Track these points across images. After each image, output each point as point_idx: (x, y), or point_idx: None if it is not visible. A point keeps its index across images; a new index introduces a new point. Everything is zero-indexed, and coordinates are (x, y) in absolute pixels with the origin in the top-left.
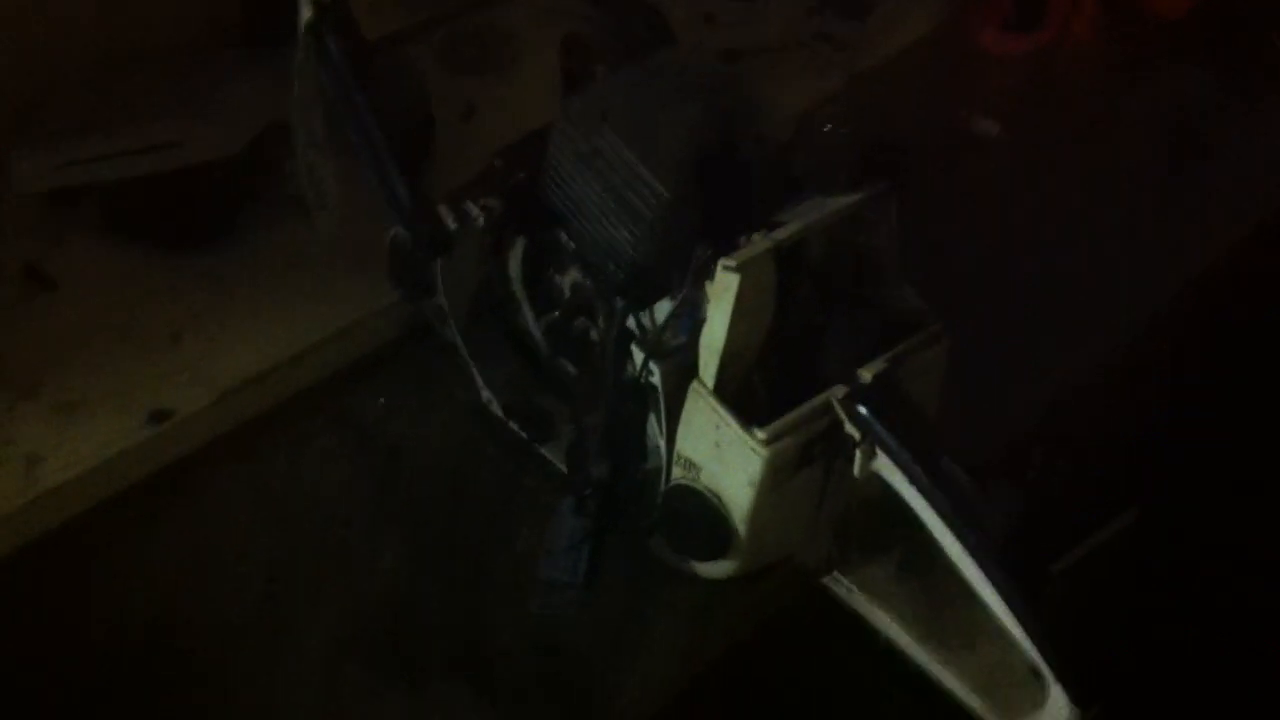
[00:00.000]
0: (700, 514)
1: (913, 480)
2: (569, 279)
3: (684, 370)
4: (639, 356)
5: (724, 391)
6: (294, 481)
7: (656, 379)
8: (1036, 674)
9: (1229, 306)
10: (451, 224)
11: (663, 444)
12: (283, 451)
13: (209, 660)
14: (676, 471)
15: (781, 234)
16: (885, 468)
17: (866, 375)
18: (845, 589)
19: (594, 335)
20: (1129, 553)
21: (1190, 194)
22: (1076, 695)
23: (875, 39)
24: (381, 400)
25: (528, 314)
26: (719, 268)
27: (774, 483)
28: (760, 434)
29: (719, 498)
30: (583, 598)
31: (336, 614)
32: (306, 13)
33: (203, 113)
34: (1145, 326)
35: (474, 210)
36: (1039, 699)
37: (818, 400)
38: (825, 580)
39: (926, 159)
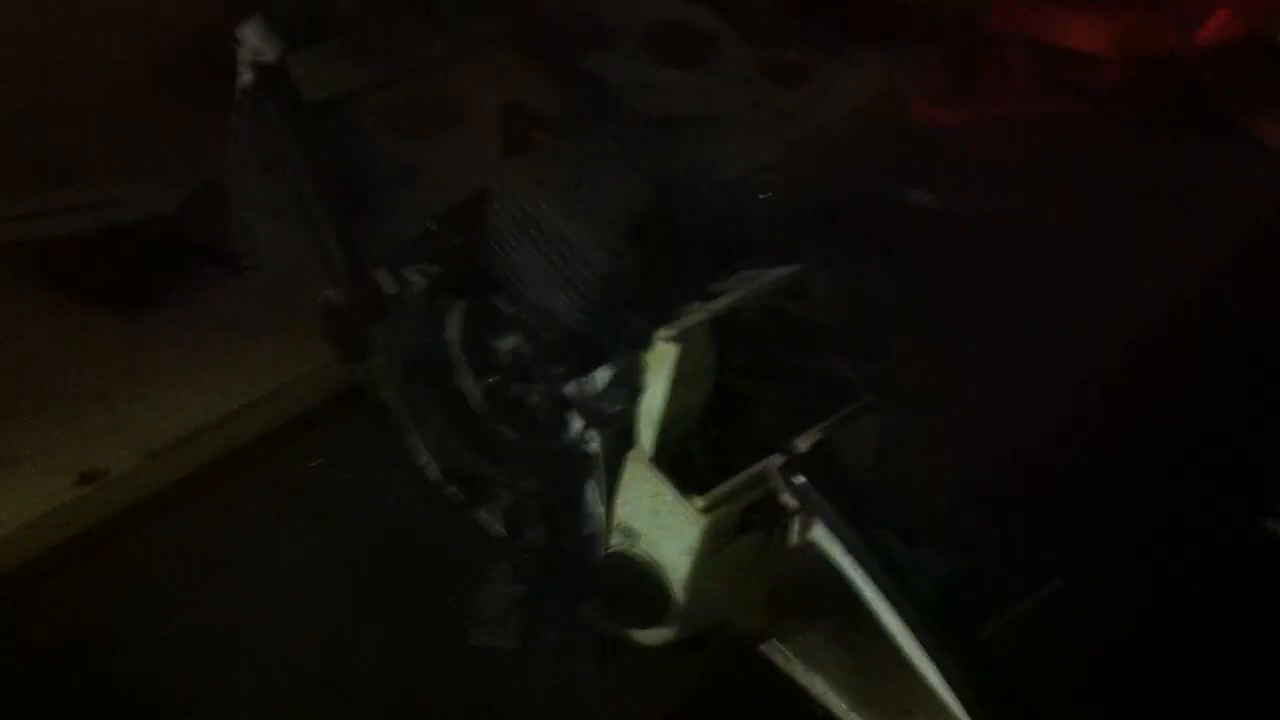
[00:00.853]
0: (638, 581)
1: (849, 549)
2: (507, 344)
3: (622, 437)
4: (577, 423)
5: (662, 459)
6: (226, 540)
7: (595, 446)
8: None
9: (1160, 369)
10: (390, 288)
11: (600, 511)
12: (214, 511)
13: (141, 710)
14: (614, 538)
15: (719, 305)
16: (821, 536)
17: (803, 444)
18: (784, 656)
19: (532, 400)
20: (1057, 620)
21: (1125, 256)
22: None
23: (812, 108)
24: (314, 463)
25: (466, 378)
26: (658, 338)
27: (712, 549)
28: (699, 501)
29: (657, 565)
30: (517, 663)
31: (267, 670)
32: (246, 75)
33: (139, 170)
34: (1075, 389)
35: (414, 276)
36: None
37: (755, 468)
38: (763, 647)
39: (863, 229)
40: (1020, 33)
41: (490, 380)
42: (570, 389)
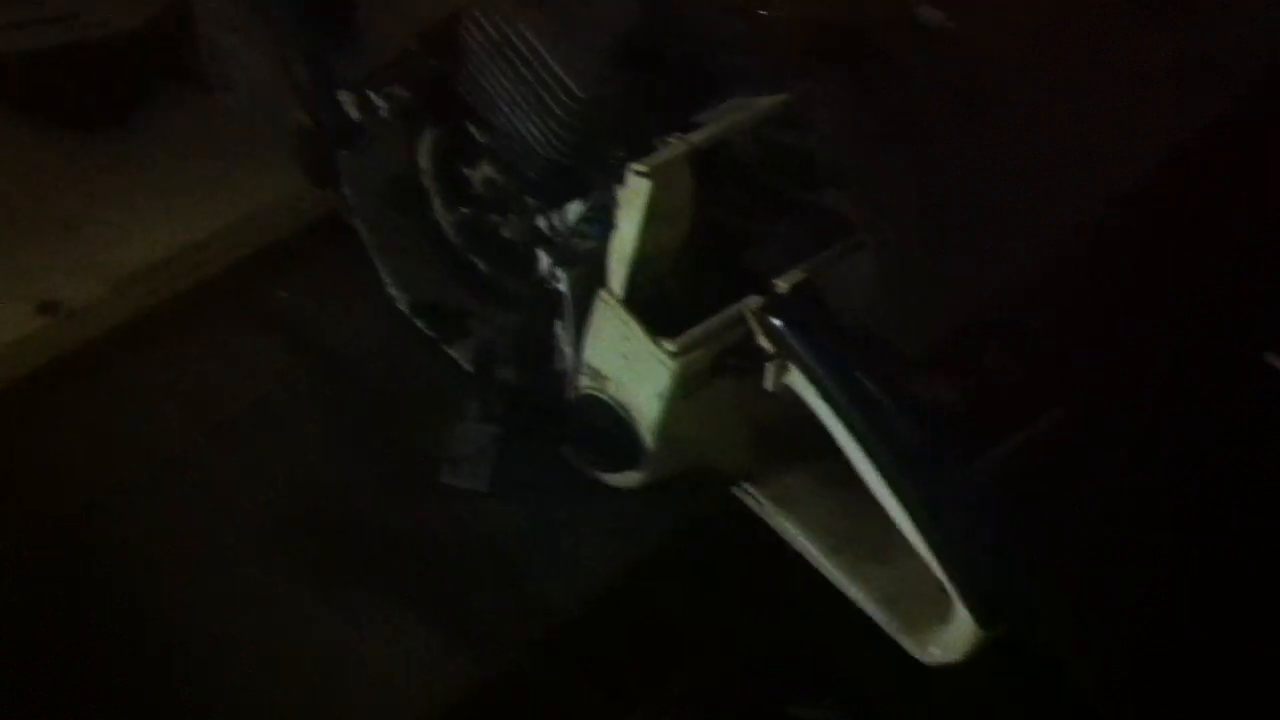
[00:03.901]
0: (607, 426)
1: (824, 395)
2: (481, 173)
3: (593, 276)
4: (547, 260)
5: (634, 300)
6: (194, 373)
7: (564, 285)
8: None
9: (1176, 207)
10: (355, 113)
11: (571, 351)
12: (181, 343)
13: (111, 553)
14: (584, 381)
15: (698, 137)
16: (798, 381)
17: (783, 286)
18: (755, 500)
19: (506, 233)
20: (1057, 454)
21: (1142, 86)
22: (980, 615)
23: None
24: (286, 294)
25: (439, 208)
26: (630, 172)
27: (684, 393)
28: (669, 345)
29: (626, 409)
30: (489, 504)
31: (249, 508)
32: None
33: None
34: (1092, 224)
35: (378, 100)
36: (945, 615)
37: (731, 311)
38: (735, 490)
39: (866, 49)
40: None
41: (463, 211)
42: (543, 222)
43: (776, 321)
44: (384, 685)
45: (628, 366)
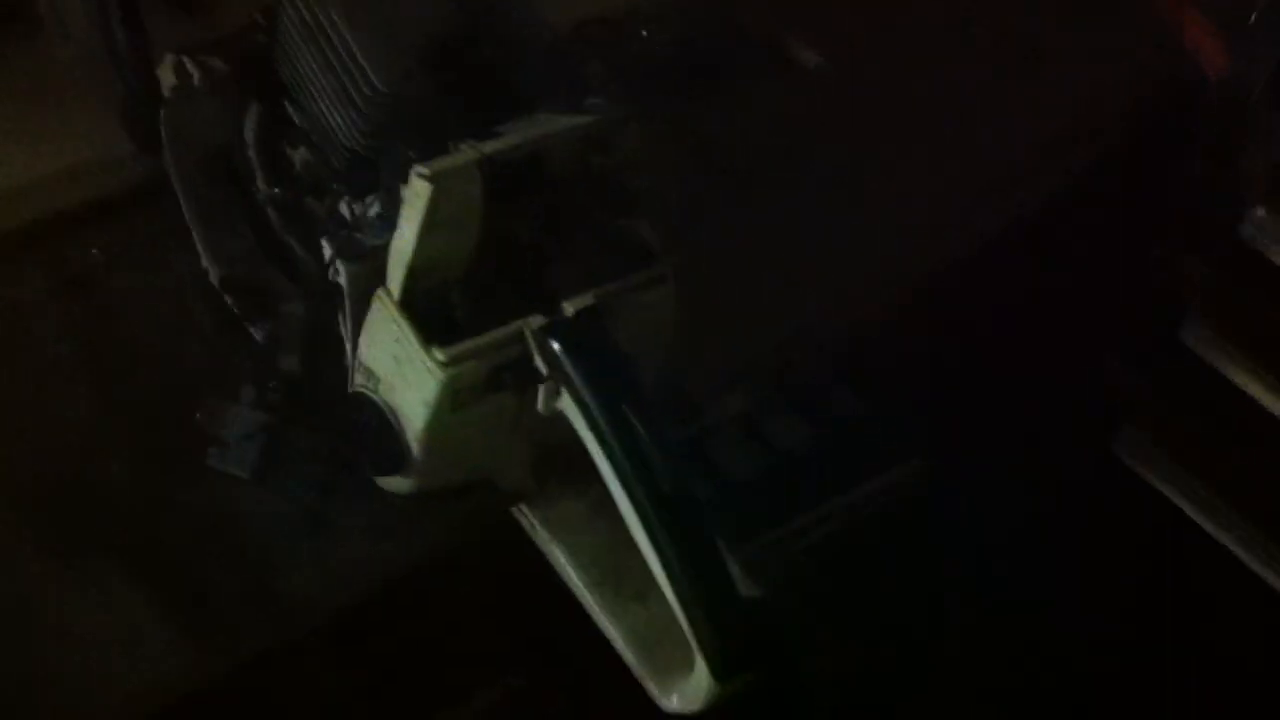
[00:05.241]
0: (375, 427)
1: (591, 425)
2: (300, 155)
3: (375, 274)
4: (329, 250)
5: (411, 304)
6: None
7: (343, 278)
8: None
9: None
10: (169, 78)
11: (349, 347)
12: None
13: None
14: (357, 379)
15: (490, 146)
16: (569, 407)
17: (569, 309)
18: (529, 522)
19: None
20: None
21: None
22: (715, 668)
23: None
24: (99, 253)
25: (260, 184)
26: (413, 174)
27: (453, 405)
28: (440, 354)
29: (395, 413)
30: (254, 491)
31: (8, 464)
32: None
33: None
34: (922, 271)
35: (192, 68)
36: (690, 664)
37: (510, 327)
38: (514, 511)
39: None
40: None
41: (282, 190)
42: (344, 211)
43: (554, 344)
44: (98, 657)
45: (398, 370)
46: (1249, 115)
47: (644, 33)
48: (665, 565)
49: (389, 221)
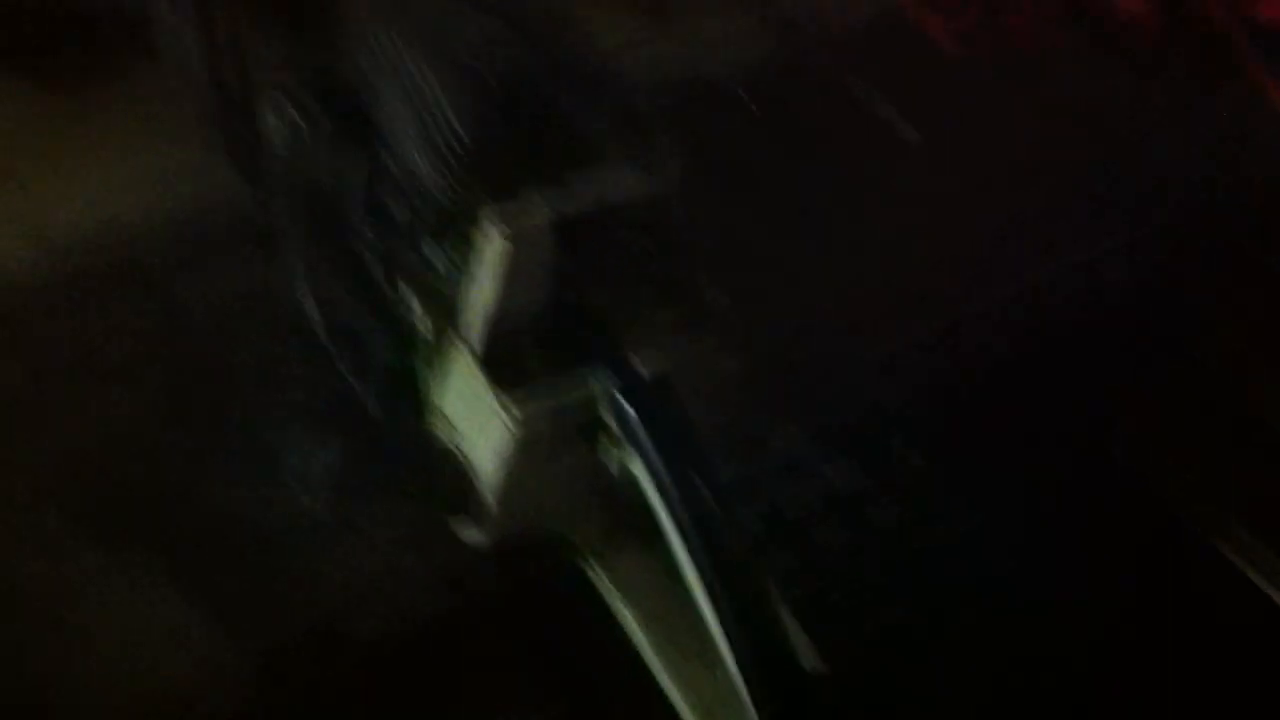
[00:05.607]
0: (449, 473)
1: (659, 487)
2: (397, 204)
3: (453, 320)
4: (411, 300)
5: (489, 355)
6: (90, 347)
7: (424, 327)
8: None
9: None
10: (272, 119)
11: (425, 391)
12: (88, 317)
13: None
14: (435, 423)
15: (566, 206)
16: (637, 467)
17: (644, 373)
18: (598, 576)
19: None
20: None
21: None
22: None
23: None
24: (203, 289)
25: (361, 231)
26: (495, 232)
27: (525, 456)
28: (514, 406)
29: (468, 460)
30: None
31: (53, 456)
32: None
33: None
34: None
35: (292, 111)
36: None
37: (583, 384)
38: (581, 564)
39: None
40: None
41: (377, 237)
42: (426, 260)
43: (629, 409)
44: (135, 651)
45: (473, 420)
46: None
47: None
48: (726, 632)
49: (466, 271)
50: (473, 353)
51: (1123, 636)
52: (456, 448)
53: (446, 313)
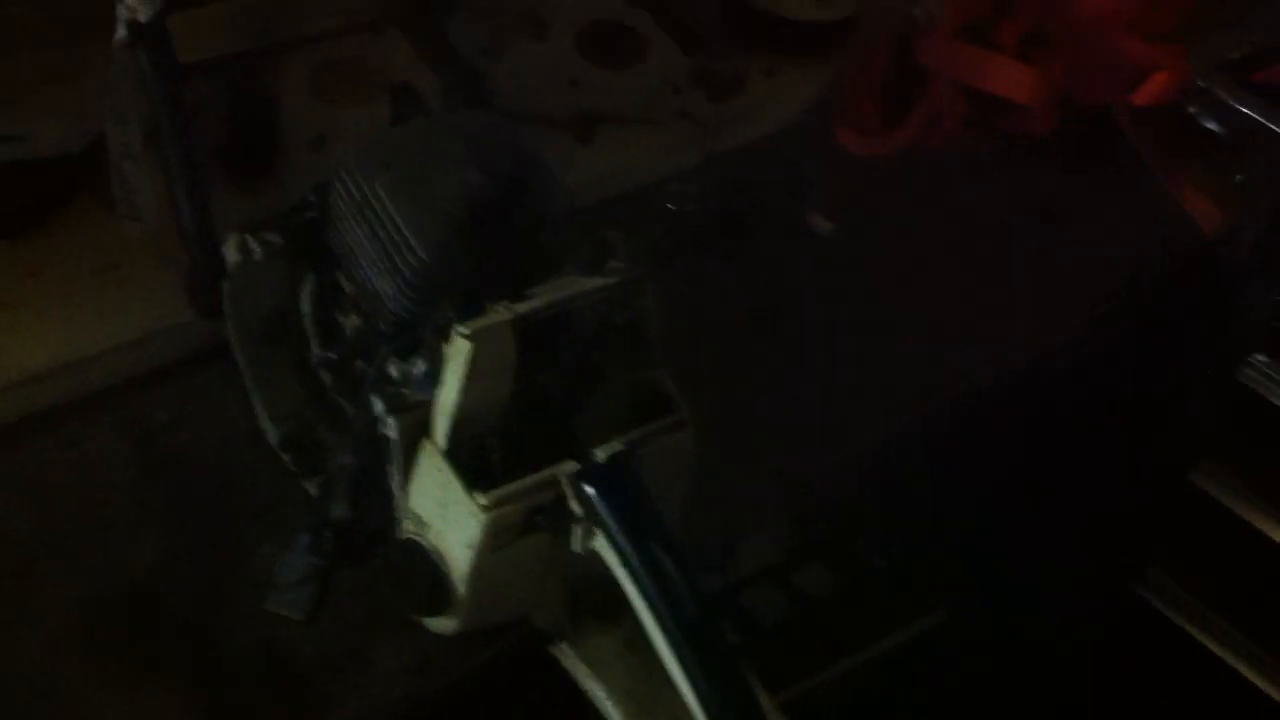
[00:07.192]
0: (423, 571)
1: (625, 564)
2: (350, 321)
3: (420, 425)
4: (380, 405)
5: (455, 453)
6: (63, 476)
7: (393, 431)
8: None
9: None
10: (232, 255)
11: (398, 495)
12: (57, 448)
13: None
14: (406, 526)
15: (523, 306)
16: (602, 547)
17: (600, 455)
18: (570, 658)
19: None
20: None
21: (1020, 286)
22: None
23: (739, 121)
24: (164, 415)
25: (315, 349)
26: (455, 333)
27: (494, 546)
28: (482, 499)
29: (441, 556)
30: (308, 631)
31: (72, 598)
32: (121, 32)
33: (54, 106)
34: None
35: (253, 245)
36: None
37: (545, 473)
38: (551, 648)
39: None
40: (948, 74)
41: (333, 354)
42: (391, 370)
43: (588, 488)
44: None
45: (444, 515)
46: (1241, 269)
47: (669, 205)
48: (698, 697)
49: (433, 378)
50: (440, 451)
51: None
52: (428, 542)
53: (411, 415)
